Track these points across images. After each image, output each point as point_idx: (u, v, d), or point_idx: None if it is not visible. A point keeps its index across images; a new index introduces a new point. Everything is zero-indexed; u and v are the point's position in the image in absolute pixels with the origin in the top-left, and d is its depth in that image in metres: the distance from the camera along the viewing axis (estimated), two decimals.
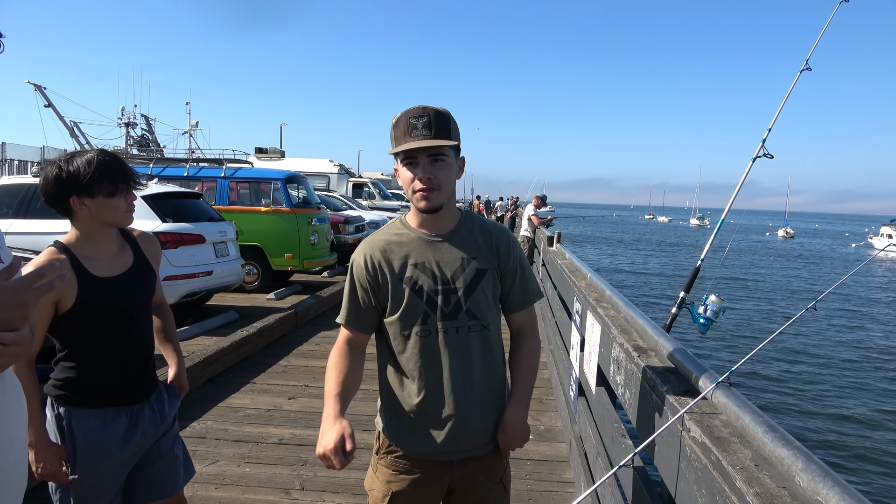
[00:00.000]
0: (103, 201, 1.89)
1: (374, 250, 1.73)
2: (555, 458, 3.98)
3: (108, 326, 1.95)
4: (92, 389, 1.94)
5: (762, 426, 1.33)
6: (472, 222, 1.80)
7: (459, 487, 1.80)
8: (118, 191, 1.91)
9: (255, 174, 10.44)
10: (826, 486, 1.07)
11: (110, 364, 1.96)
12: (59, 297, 1.83)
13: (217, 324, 7.42)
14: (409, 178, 1.65)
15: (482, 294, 1.72)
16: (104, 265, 1.94)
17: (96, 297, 1.90)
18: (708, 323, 2.95)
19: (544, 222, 12.69)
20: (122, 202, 1.93)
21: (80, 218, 1.91)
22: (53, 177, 1.85)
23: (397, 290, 1.70)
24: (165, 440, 2.12)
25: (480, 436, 1.77)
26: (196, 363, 4.99)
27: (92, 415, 1.93)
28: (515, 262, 1.80)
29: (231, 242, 8.12)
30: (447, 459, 1.76)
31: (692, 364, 1.79)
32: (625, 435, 2.39)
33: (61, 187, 1.86)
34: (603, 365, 2.73)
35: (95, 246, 1.94)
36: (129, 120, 27.71)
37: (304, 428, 4.38)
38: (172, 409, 2.16)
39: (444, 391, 1.71)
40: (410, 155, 1.63)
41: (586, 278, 4.32)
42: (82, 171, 1.86)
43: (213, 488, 3.43)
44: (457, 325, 1.71)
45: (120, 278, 1.97)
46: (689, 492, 1.50)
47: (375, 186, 21.90)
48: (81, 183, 1.85)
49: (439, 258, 1.71)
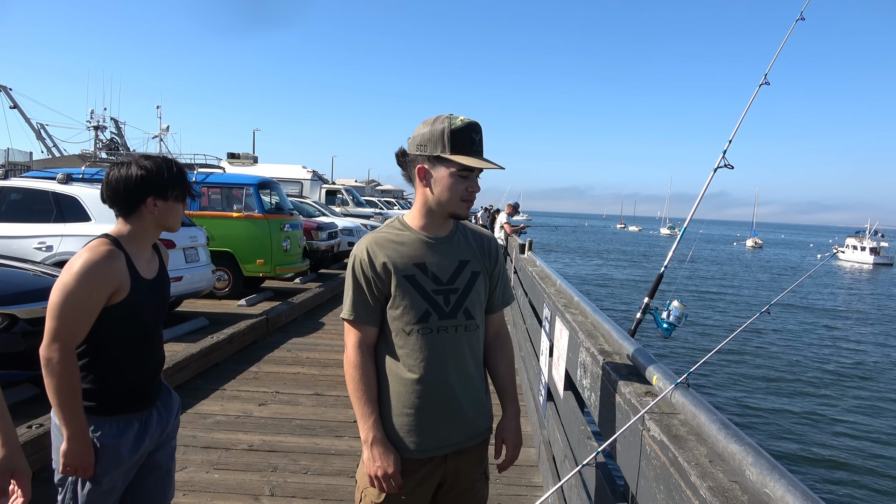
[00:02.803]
0: (173, 206, 1.97)
1: (376, 245, 1.78)
2: (524, 463, 4.02)
3: (141, 328, 1.97)
4: (112, 396, 1.93)
5: (716, 424, 1.39)
6: (464, 228, 1.91)
7: (450, 480, 1.86)
8: (185, 197, 2.00)
9: (227, 179, 10.34)
10: (773, 478, 1.13)
11: (135, 368, 1.98)
12: (117, 288, 1.84)
13: (186, 330, 7.33)
14: (459, 187, 1.73)
15: (477, 295, 1.83)
16: (144, 267, 1.98)
17: (142, 296, 1.93)
18: (671, 328, 3.03)
19: (516, 230, 12.80)
20: (182, 209, 2.01)
21: (143, 218, 1.94)
22: (139, 176, 1.89)
23: (400, 287, 1.75)
24: (164, 453, 2.12)
25: (474, 428, 1.87)
26: (165, 369, 4.89)
27: (108, 422, 1.92)
28: (500, 266, 1.94)
29: (201, 248, 8.04)
30: (442, 453, 1.82)
31: (653, 366, 1.85)
32: (590, 437, 2.44)
33: (145, 187, 1.90)
34: (570, 369, 2.79)
35: (141, 247, 1.98)
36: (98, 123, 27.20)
37: (274, 434, 4.36)
38: (175, 411, 2.18)
39: (443, 387, 1.78)
40: (469, 169, 1.71)
41: (556, 285, 4.38)
42: (166, 175, 1.93)
43: (182, 495, 3.40)
44: (455, 324, 1.79)
45: (153, 282, 2.01)
46: (649, 488, 1.55)
47: (349, 193, 21.85)
48: (163, 185, 1.92)
49: (439, 260, 1.79)
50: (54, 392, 1.77)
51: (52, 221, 7.05)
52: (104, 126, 27.33)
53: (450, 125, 1.70)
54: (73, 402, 1.78)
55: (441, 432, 1.80)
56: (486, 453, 1.96)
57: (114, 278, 1.83)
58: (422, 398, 1.77)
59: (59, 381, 1.76)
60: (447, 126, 1.70)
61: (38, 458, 3.38)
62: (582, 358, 2.50)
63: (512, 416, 1.97)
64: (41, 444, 3.38)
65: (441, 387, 1.78)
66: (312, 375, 5.90)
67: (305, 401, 5.15)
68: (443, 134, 1.69)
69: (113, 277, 1.83)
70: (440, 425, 1.80)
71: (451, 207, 1.76)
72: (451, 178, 1.72)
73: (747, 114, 3.43)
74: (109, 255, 1.83)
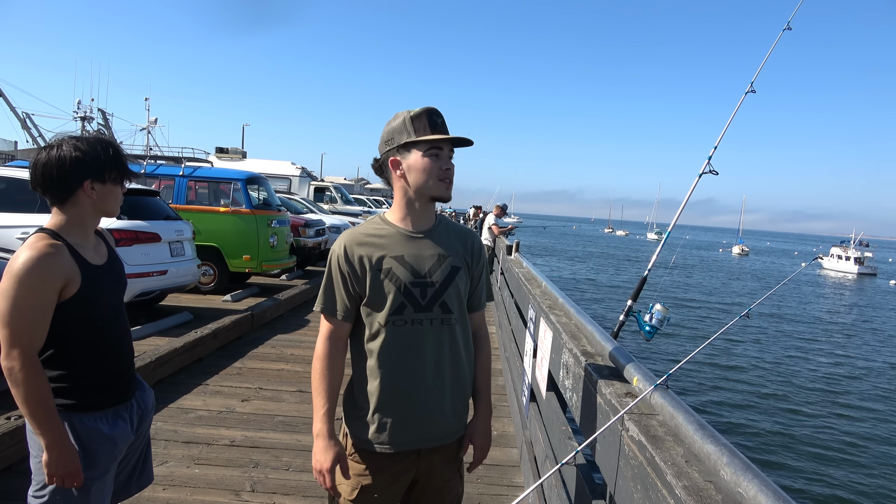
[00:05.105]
0: (111, 188, 1.86)
1: (353, 242, 1.79)
2: (506, 463, 4.04)
3: (105, 316, 1.89)
4: (97, 390, 1.87)
5: (693, 425, 1.41)
6: (447, 223, 1.91)
7: (423, 478, 1.86)
8: (123, 179, 1.90)
9: (215, 174, 10.29)
10: (747, 478, 1.15)
11: (108, 358, 1.90)
12: (66, 282, 1.76)
13: (170, 324, 7.28)
14: (432, 166, 1.75)
15: (455, 289, 1.82)
16: (91, 254, 1.89)
17: (95, 285, 1.84)
18: (653, 330, 3.05)
19: (504, 231, 12.83)
20: (120, 191, 1.92)
21: (80, 204, 1.83)
22: (73, 158, 1.77)
23: (375, 281, 1.75)
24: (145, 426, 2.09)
25: (450, 425, 1.86)
26: (147, 363, 4.89)
27: (99, 417, 1.87)
28: (482, 265, 1.95)
29: (187, 242, 7.99)
30: (416, 449, 1.82)
31: (634, 368, 1.87)
32: (571, 437, 2.46)
33: (79, 169, 1.79)
34: (553, 370, 2.81)
35: (84, 234, 1.88)
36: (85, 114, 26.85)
37: (256, 430, 4.34)
38: (150, 398, 2.13)
39: (418, 381, 1.77)
40: (438, 146, 1.75)
41: (541, 286, 4.40)
42: (102, 156, 1.82)
43: (161, 489, 3.37)
44: (431, 317, 1.78)
45: (105, 267, 1.93)
46: (626, 488, 1.57)
47: (337, 191, 21.77)
48: (99, 167, 1.81)
49: (417, 253, 1.79)
50: (23, 401, 1.69)
51: (36, 212, 6.97)
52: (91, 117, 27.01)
53: (409, 113, 1.75)
54: (44, 408, 1.71)
55: (414, 428, 1.79)
56: (461, 451, 1.96)
57: (59, 273, 1.74)
58: (395, 393, 1.76)
59: (25, 389, 1.68)
60: (407, 115, 1.75)
61: (16, 450, 3.35)
62: (565, 359, 2.52)
63: (483, 417, 1.96)
64: (18, 437, 3.35)
65: (416, 382, 1.77)
66: (296, 372, 5.88)
67: (289, 397, 5.13)
68: (405, 122, 1.75)
69: (58, 272, 1.74)
70: (413, 421, 1.79)
71: (430, 190, 1.77)
72: (423, 159, 1.75)
73: (736, 122, 3.48)
74: (51, 250, 1.73)
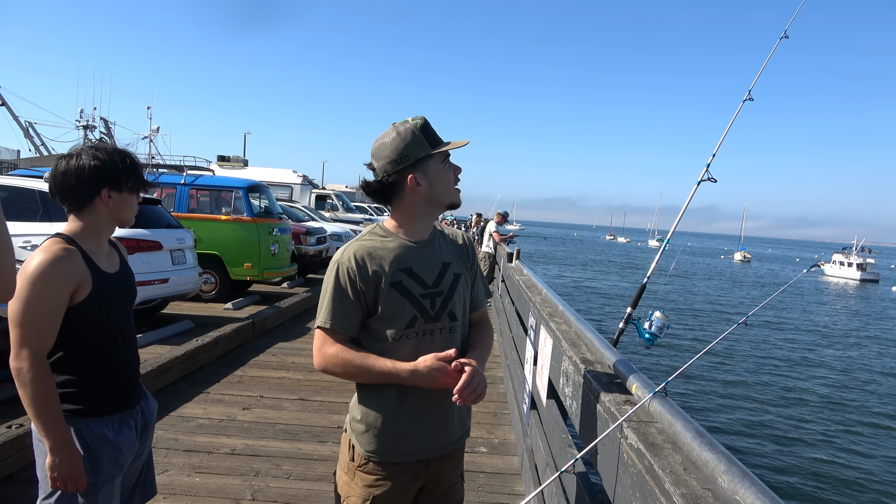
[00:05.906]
0: (127, 197, 1.91)
1: (361, 253, 1.75)
2: (507, 471, 4.03)
3: (114, 323, 1.92)
4: (103, 395, 1.89)
5: (691, 432, 1.41)
6: (441, 230, 1.93)
7: (431, 484, 1.86)
8: (140, 189, 1.94)
9: (217, 182, 10.31)
10: (744, 486, 1.16)
11: (115, 365, 1.93)
12: (77, 286, 1.79)
13: (172, 332, 7.29)
14: (451, 176, 1.79)
15: (460, 296, 1.84)
16: (104, 262, 1.92)
17: (105, 292, 1.87)
18: (652, 338, 3.06)
19: (505, 239, 12.83)
20: (136, 201, 1.96)
21: (97, 212, 1.87)
22: (91, 167, 1.82)
23: (388, 294, 1.73)
24: (148, 434, 2.10)
25: (457, 431, 1.88)
26: (148, 371, 4.90)
27: (104, 422, 1.88)
28: (477, 265, 1.97)
29: (189, 250, 8.01)
30: (426, 458, 1.82)
31: (633, 376, 1.88)
32: (571, 445, 2.46)
33: (98, 178, 1.83)
34: (553, 378, 2.81)
35: (98, 242, 1.92)
36: (87, 122, 26.93)
37: (257, 439, 4.34)
38: (153, 407, 2.14)
39: (428, 392, 1.75)
40: (447, 154, 1.78)
41: (541, 294, 4.41)
42: (120, 165, 1.86)
43: (162, 498, 3.37)
44: (439, 326, 1.79)
45: (116, 275, 1.96)
46: (626, 495, 1.57)
47: (339, 199, 21.81)
48: (117, 176, 1.86)
49: (423, 263, 1.79)
50: (29, 402, 1.71)
51: (39, 220, 7.00)
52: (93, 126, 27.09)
53: (415, 125, 1.74)
54: (49, 410, 1.72)
55: (426, 437, 1.80)
56: (463, 455, 1.98)
57: (72, 277, 1.78)
58: (405, 404, 1.76)
59: (32, 390, 1.70)
60: (412, 128, 1.73)
61: (17, 458, 3.35)
62: (565, 366, 2.52)
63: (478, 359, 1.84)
64: (21, 445, 3.35)
65: (426, 392, 1.76)
66: (297, 380, 5.88)
67: (290, 405, 5.13)
68: (417, 137, 1.73)
69: (70, 276, 1.77)
70: (426, 430, 1.80)
71: (450, 197, 1.80)
72: (444, 170, 1.77)
73: (737, 129, 3.49)
74: (64, 254, 1.77)
